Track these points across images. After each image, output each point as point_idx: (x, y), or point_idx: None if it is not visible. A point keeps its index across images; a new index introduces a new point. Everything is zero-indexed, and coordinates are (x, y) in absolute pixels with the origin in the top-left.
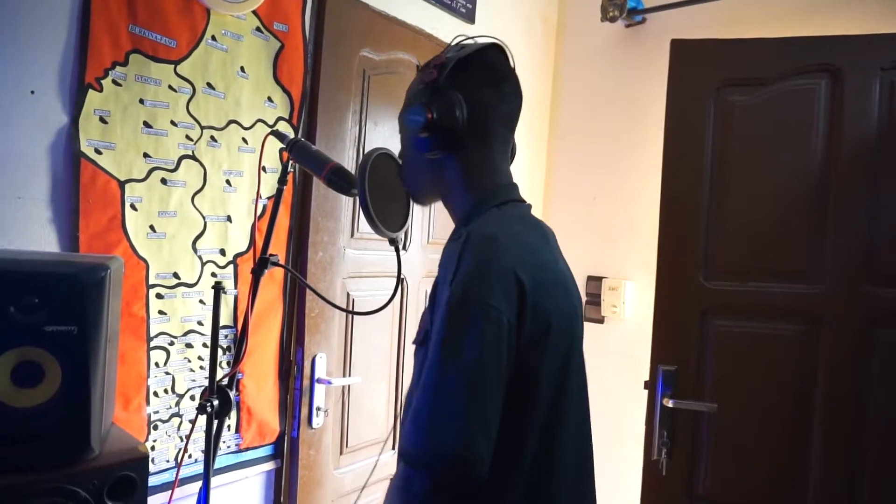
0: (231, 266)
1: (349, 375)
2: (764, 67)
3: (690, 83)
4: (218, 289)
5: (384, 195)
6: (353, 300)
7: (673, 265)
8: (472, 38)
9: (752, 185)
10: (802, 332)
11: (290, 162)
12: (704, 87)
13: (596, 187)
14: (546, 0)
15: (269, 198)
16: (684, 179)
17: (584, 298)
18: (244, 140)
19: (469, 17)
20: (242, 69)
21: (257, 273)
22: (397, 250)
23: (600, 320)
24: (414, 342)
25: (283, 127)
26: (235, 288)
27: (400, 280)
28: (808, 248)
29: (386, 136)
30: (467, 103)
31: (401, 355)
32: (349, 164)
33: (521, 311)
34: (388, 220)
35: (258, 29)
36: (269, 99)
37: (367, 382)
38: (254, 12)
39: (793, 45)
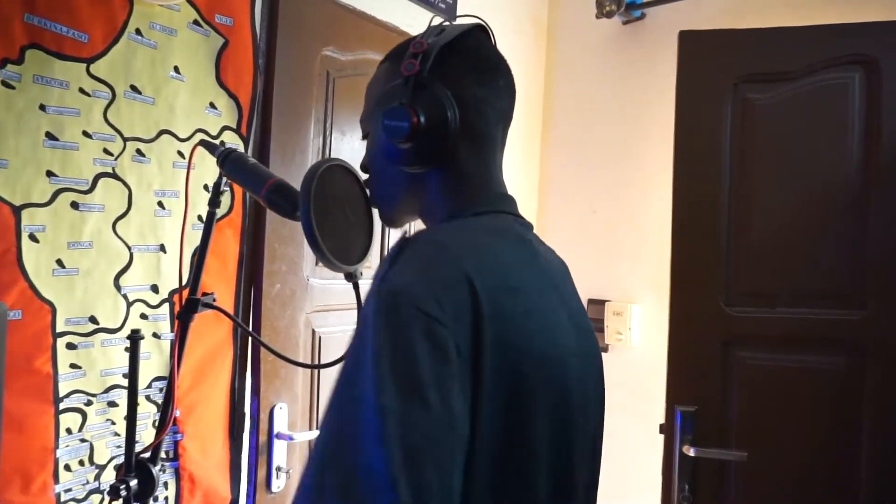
0: (166, 305)
1: (316, 428)
2: (788, 60)
3: (703, 80)
4: (135, 340)
5: (337, 218)
6: (320, 338)
7: (689, 289)
8: (446, 19)
9: (778, 195)
10: (844, 365)
11: (225, 179)
12: (720, 85)
13: (596, 199)
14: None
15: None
16: (699, 190)
17: None
18: (180, 154)
19: (449, 13)
20: (177, 69)
21: (184, 319)
22: (356, 287)
23: (604, 349)
24: None
25: (230, 138)
26: (172, 332)
27: None
28: (847, 266)
29: (355, 146)
30: (457, 101)
31: None
32: None
33: (476, 339)
34: (343, 249)
35: (196, 22)
36: (212, 105)
37: None
38: (190, 2)
39: (821, 33)
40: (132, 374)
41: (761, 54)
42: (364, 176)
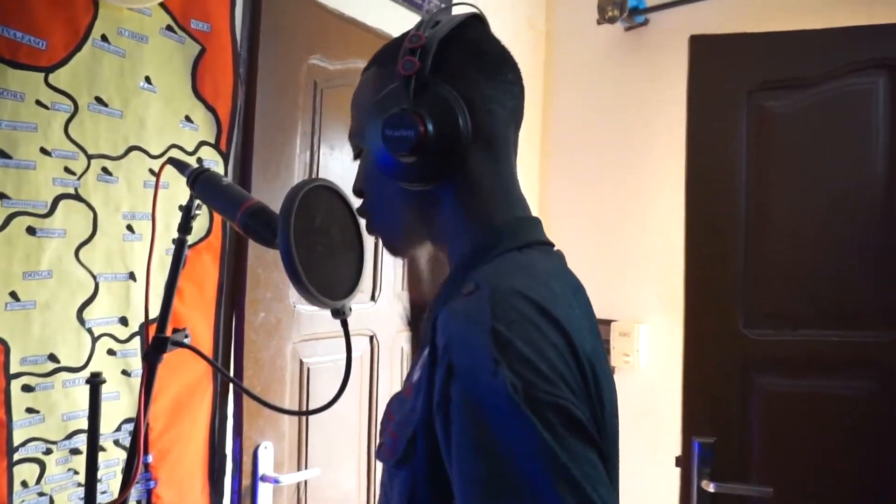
0: (137, 339)
1: (305, 468)
2: (806, 65)
3: (716, 88)
4: (95, 385)
5: (322, 246)
6: (309, 369)
7: (704, 310)
8: (440, 8)
9: (798, 209)
10: (872, 391)
11: (197, 202)
12: (734, 92)
13: (599, 212)
14: (533, 3)
15: (189, 246)
16: (714, 205)
17: None
18: (151, 172)
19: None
20: (148, 80)
21: (152, 360)
22: (345, 325)
23: (611, 370)
24: (379, 457)
25: (208, 154)
26: None
27: (350, 366)
28: (872, 284)
29: (345, 161)
30: (466, 102)
31: (373, 433)
32: None
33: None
34: (328, 282)
35: (169, 28)
36: (187, 118)
37: (330, 474)
38: (162, 6)
39: (840, 36)
40: (92, 424)
41: (777, 60)
42: (357, 201)
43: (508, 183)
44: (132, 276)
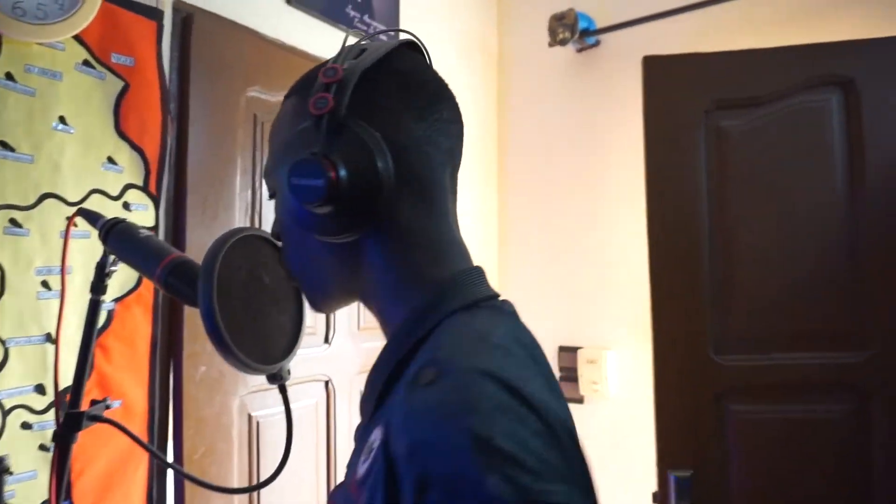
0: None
1: None
2: (761, 83)
3: (672, 108)
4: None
5: (254, 303)
6: (259, 423)
7: (673, 338)
8: (367, 34)
9: (763, 229)
10: (848, 413)
11: (113, 258)
12: (690, 112)
13: (560, 237)
14: (483, 27)
15: (116, 299)
16: (676, 228)
17: (557, 374)
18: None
19: None
20: (62, 120)
21: (64, 440)
22: (283, 392)
23: (579, 399)
24: None
25: (136, 197)
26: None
27: (290, 438)
28: (843, 303)
29: None
30: (391, 144)
31: (331, 487)
32: None
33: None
34: (261, 344)
35: (86, 63)
36: (110, 160)
37: None
38: (78, 40)
39: (793, 54)
40: None
41: (732, 79)
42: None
43: (445, 231)
44: (49, 338)
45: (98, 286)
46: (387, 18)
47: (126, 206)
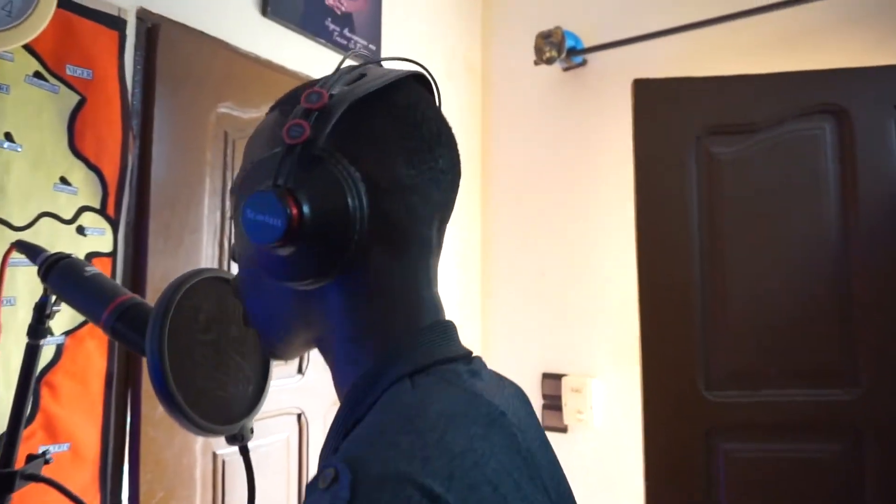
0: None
1: None
2: (754, 110)
3: (662, 133)
4: None
5: (212, 355)
6: (224, 462)
7: (663, 372)
8: (370, 59)
9: (754, 261)
10: (840, 452)
11: (54, 298)
12: (681, 138)
13: (544, 261)
14: (468, 43)
15: (67, 332)
16: (667, 258)
17: (539, 402)
18: None
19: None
20: (9, 137)
21: None
22: (245, 454)
23: (563, 429)
24: None
25: (91, 220)
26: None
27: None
28: (837, 338)
29: None
30: (369, 185)
31: None
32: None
33: None
34: (220, 401)
35: (38, 75)
36: (63, 180)
37: None
38: (28, 49)
39: (787, 81)
40: None
41: (724, 104)
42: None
43: (416, 287)
44: None
45: (37, 329)
46: (368, 33)
47: (80, 230)
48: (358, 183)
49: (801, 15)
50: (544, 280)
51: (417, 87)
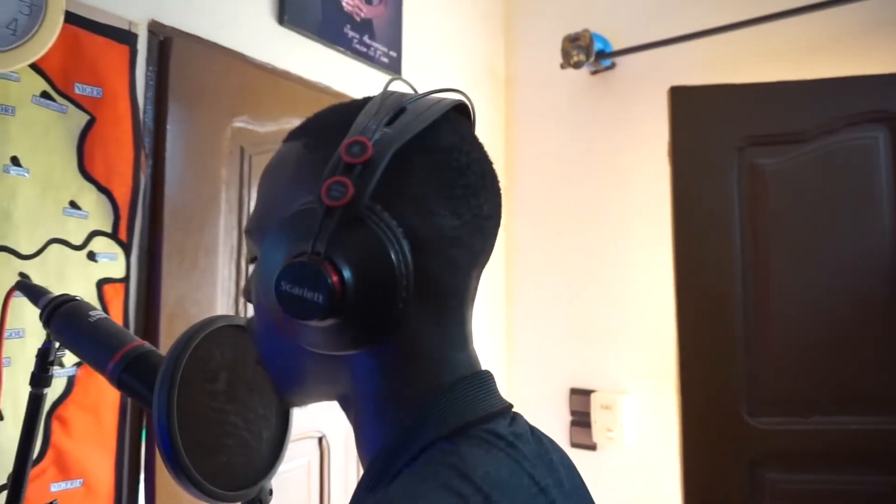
0: (3, 494)
1: None
2: (800, 119)
3: (702, 144)
4: None
5: (230, 409)
6: None
7: (702, 396)
8: (404, 83)
9: (801, 279)
10: None
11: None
12: (722, 149)
13: (572, 273)
14: (491, 48)
15: (79, 363)
16: (707, 275)
17: (567, 418)
18: (24, 276)
19: (393, 68)
20: (15, 161)
21: None
22: None
23: (591, 447)
24: None
25: (103, 245)
26: None
27: None
28: (893, 363)
29: None
30: (412, 240)
31: None
32: (223, 299)
33: None
34: (235, 463)
35: (45, 95)
36: (73, 204)
37: None
38: (34, 68)
39: (835, 87)
40: None
41: (767, 113)
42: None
43: (452, 345)
44: None
45: (40, 378)
46: (388, 39)
47: (91, 256)
48: (401, 240)
49: (846, 16)
50: (573, 292)
51: (460, 121)
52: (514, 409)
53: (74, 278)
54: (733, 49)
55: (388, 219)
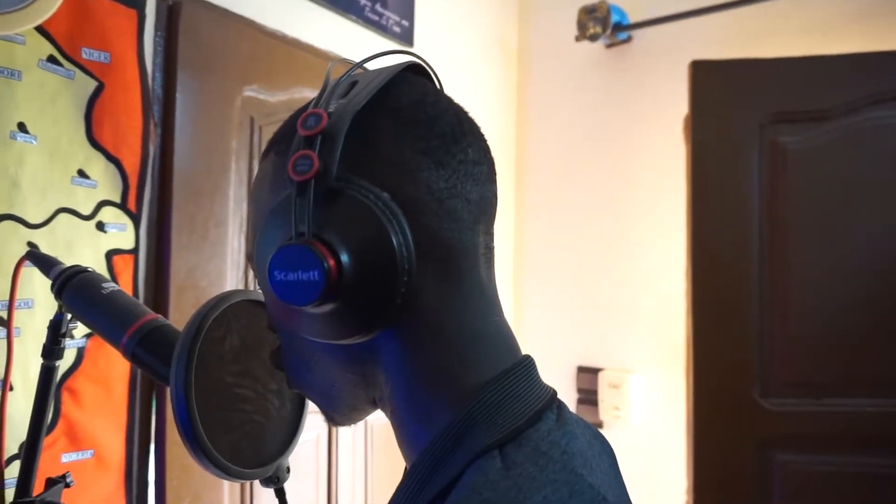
0: (15, 464)
1: None
2: (824, 96)
3: (723, 120)
4: None
5: (246, 386)
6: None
7: (714, 376)
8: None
9: (821, 260)
10: None
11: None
12: (744, 126)
13: (582, 249)
14: (503, 18)
15: (88, 335)
16: (723, 254)
17: (574, 396)
18: (32, 246)
19: (405, 38)
20: (22, 127)
21: None
22: (281, 496)
23: (598, 425)
24: None
25: (112, 216)
26: None
27: None
28: None
29: None
30: (403, 206)
31: None
32: (232, 272)
33: None
34: (252, 441)
35: (52, 60)
36: (81, 173)
37: None
38: (41, 31)
39: (863, 63)
40: None
41: (791, 89)
42: None
43: (479, 315)
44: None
45: (51, 350)
46: (401, 8)
47: (100, 226)
48: (391, 205)
49: None
50: (581, 270)
51: (415, 79)
52: (557, 395)
53: (83, 249)
54: (752, 24)
55: (370, 185)
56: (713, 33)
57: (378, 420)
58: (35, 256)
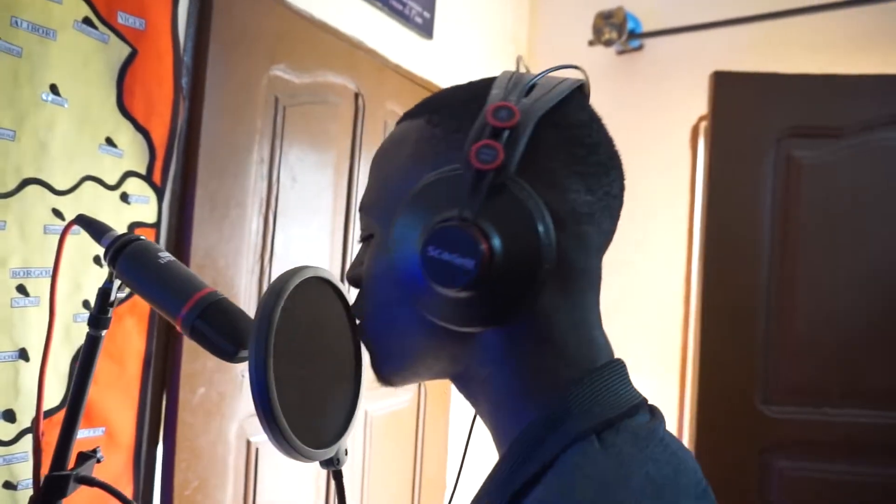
0: (27, 438)
1: None
2: (842, 113)
3: (740, 132)
4: None
5: (309, 368)
6: (258, 450)
7: (717, 383)
8: (523, 66)
9: (829, 274)
10: None
11: (119, 283)
12: (760, 138)
13: None
14: (516, 17)
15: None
16: (733, 264)
17: None
18: (56, 214)
19: (425, 29)
20: (54, 89)
21: None
22: (339, 479)
23: None
24: None
25: (136, 187)
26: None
27: None
28: None
29: (308, 195)
30: (554, 219)
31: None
32: (250, 253)
33: None
34: (316, 423)
35: (87, 21)
36: (109, 141)
37: None
38: None
39: (881, 84)
40: None
41: (808, 105)
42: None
43: (589, 326)
44: (23, 354)
45: (98, 320)
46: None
47: (124, 197)
48: (546, 215)
49: (889, 12)
50: None
51: (586, 101)
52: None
53: (106, 219)
54: (766, 39)
55: (531, 190)
56: (725, 45)
57: (378, 412)
58: (86, 221)
